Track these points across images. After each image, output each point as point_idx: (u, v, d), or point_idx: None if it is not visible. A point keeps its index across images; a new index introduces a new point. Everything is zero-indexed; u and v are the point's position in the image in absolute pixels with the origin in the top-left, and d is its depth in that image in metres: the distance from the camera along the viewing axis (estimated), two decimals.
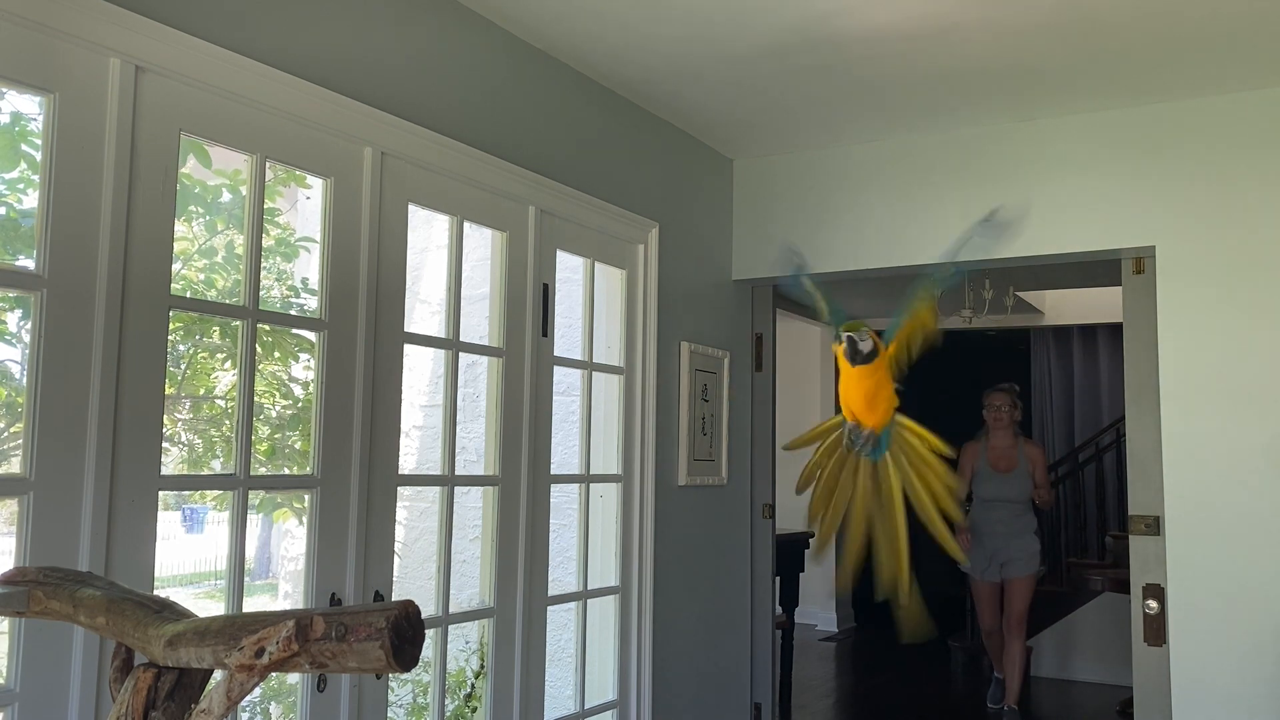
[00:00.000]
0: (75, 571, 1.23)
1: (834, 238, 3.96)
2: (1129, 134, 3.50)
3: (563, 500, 3.42)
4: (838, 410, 2.22)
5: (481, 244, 3.24)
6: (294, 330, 3.53)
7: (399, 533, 3.91)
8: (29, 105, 2.64)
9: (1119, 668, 5.87)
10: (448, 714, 3.68)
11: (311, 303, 2.63)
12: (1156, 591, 3.42)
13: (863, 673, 7.17)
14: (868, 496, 2.17)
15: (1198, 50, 3.06)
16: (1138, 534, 3.48)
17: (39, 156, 1.94)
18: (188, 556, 10.67)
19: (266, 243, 3.72)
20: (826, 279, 4.12)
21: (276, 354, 3.65)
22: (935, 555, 2.38)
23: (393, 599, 2.62)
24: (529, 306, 3.06)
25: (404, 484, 2.71)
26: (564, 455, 3.41)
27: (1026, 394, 8.99)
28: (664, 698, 3.58)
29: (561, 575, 3.43)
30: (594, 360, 3.41)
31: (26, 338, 1.92)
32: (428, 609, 2.67)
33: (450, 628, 2.78)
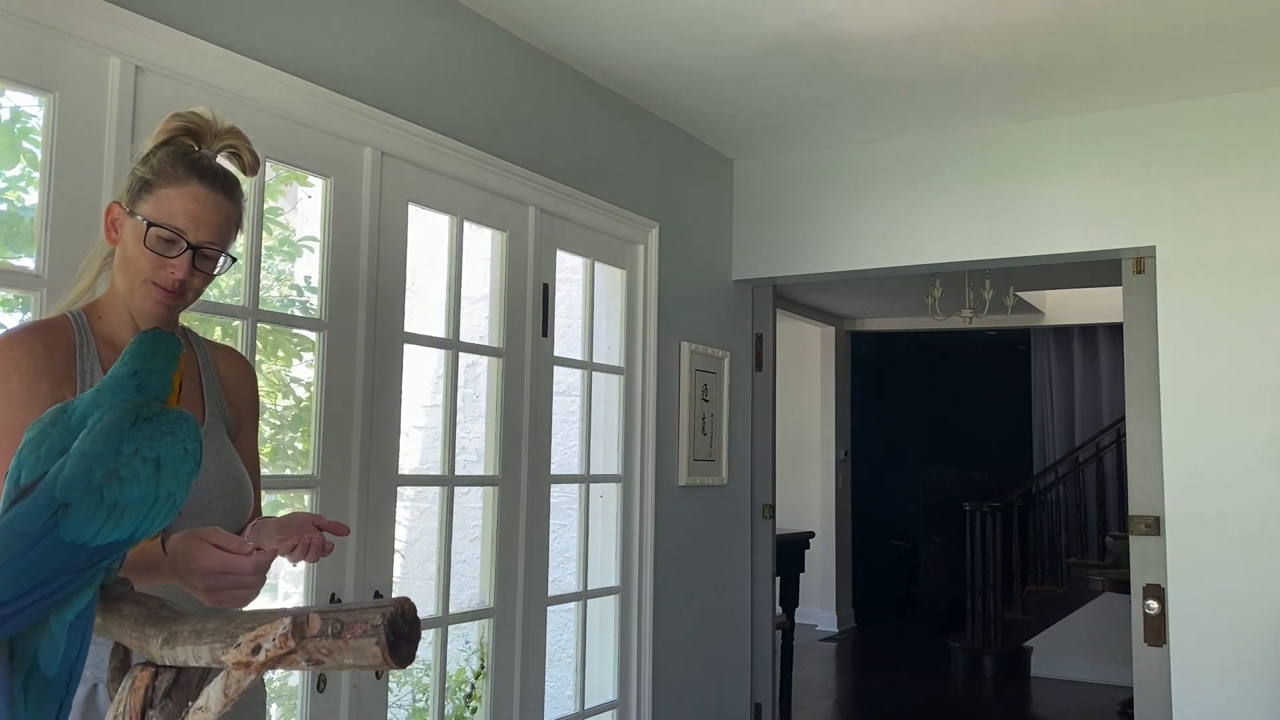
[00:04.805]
0: None
1: (834, 237, 3.96)
2: (1129, 134, 3.50)
3: (563, 500, 3.42)
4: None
5: (482, 244, 3.24)
6: (294, 331, 3.53)
7: (400, 533, 3.92)
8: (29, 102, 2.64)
9: (1119, 668, 5.87)
10: (447, 714, 3.68)
11: (313, 301, 2.63)
12: (1156, 592, 3.42)
13: (863, 673, 7.17)
14: None
15: (1198, 50, 3.06)
16: (1138, 534, 3.48)
17: (40, 155, 1.94)
18: None
19: (268, 242, 3.72)
20: (827, 279, 4.13)
21: (280, 353, 3.65)
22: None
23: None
24: (529, 306, 3.06)
25: (404, 484, 2.71)
26: (564, 455, 3.41)
27: (1027, 394, 8.99)
28: (664, 698, 3.58)
29: (561, 575, 3.43)
30: (594, 360, 3.41)
31: None
32: (428, 609, 2.67)
33: (450, 628, 2.78)
